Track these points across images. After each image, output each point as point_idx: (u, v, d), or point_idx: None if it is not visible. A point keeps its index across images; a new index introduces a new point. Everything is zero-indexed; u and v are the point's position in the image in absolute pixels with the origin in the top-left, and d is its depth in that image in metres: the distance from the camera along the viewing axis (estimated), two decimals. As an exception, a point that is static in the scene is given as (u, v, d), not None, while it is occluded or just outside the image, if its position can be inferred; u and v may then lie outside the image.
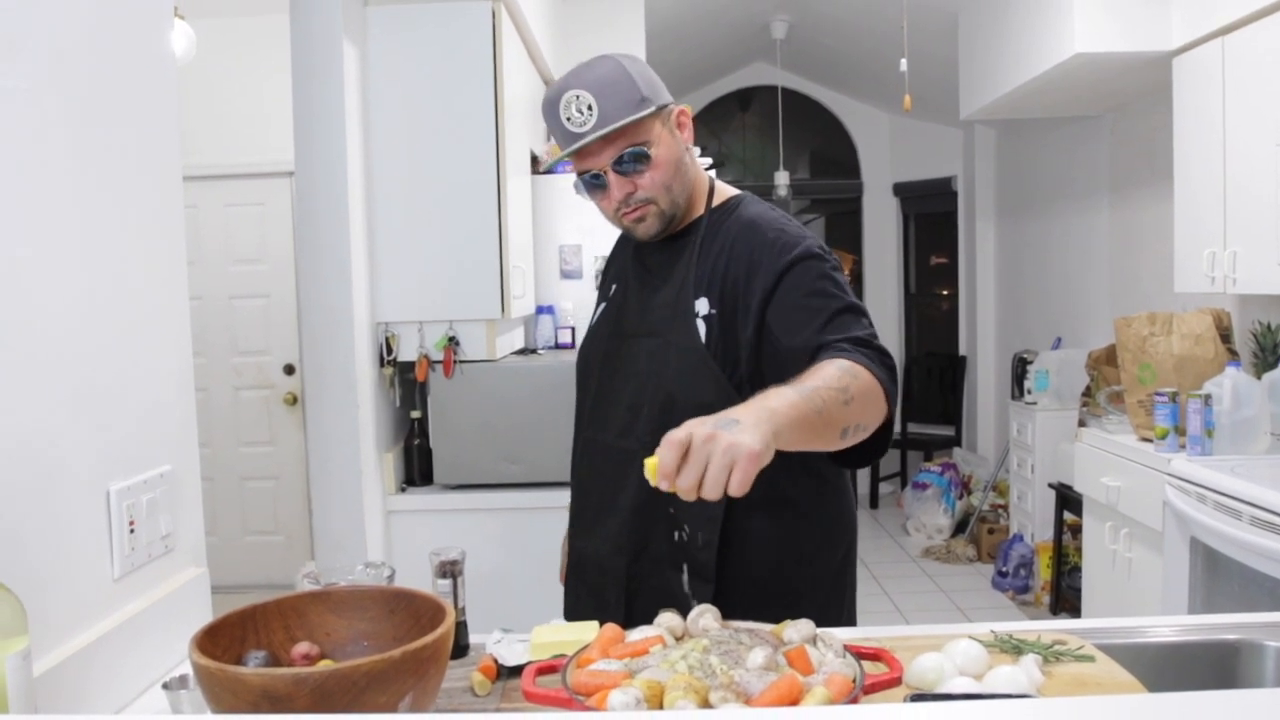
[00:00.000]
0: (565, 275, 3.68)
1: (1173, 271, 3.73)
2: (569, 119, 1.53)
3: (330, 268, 2.79)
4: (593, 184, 1.59)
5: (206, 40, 3.90)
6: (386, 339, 2.98)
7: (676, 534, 1.60)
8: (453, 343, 2.98)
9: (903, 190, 7.50)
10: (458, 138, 2.92)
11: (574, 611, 1.76)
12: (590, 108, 1.52)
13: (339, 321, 2.80)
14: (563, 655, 1.23)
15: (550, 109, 1.56)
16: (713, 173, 1.88)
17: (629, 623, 1.36)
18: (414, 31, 2.90)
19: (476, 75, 2.91)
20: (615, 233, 1.80)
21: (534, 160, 3.59)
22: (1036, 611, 4.81)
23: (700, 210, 1.66)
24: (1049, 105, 4.78)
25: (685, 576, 1.59)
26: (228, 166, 4.92)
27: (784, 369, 1.42)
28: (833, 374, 1.34)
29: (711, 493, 1.13)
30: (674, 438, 1.15)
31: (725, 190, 1.70)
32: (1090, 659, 1.30)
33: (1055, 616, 4.62)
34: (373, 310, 2.95)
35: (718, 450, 1.13)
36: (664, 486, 1.16)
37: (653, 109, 1.55)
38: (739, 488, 1.12)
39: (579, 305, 3.63)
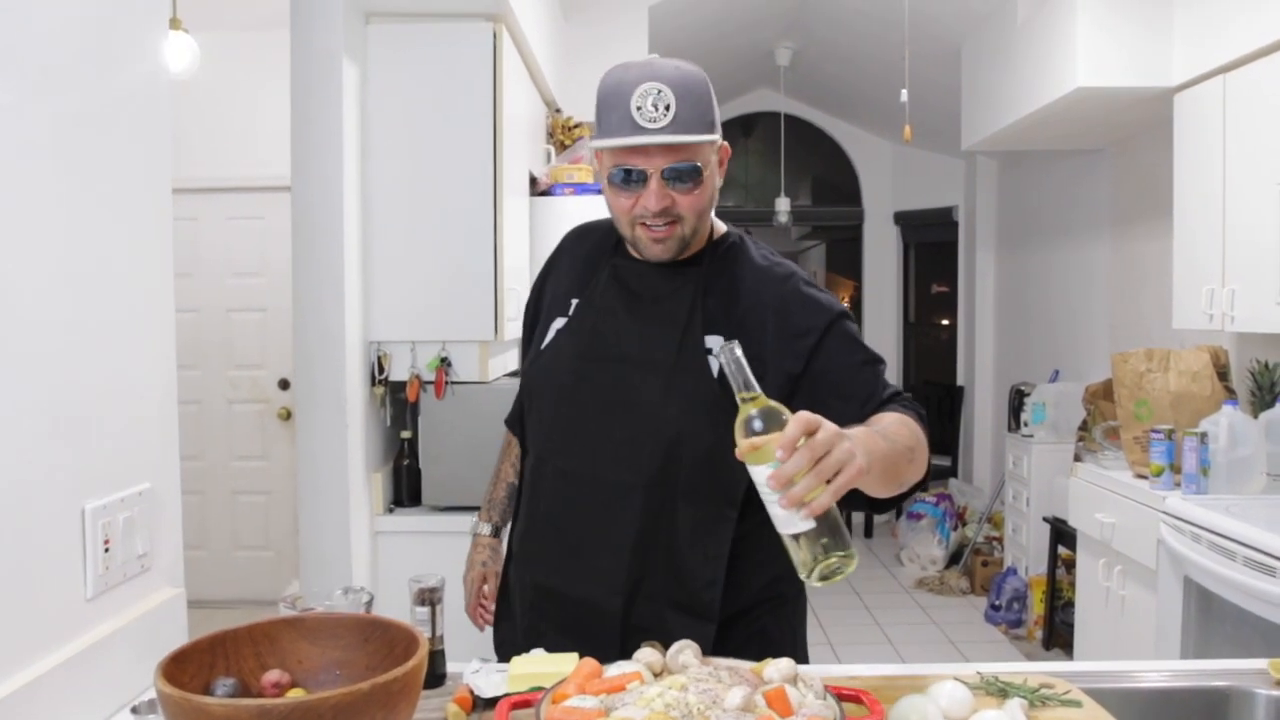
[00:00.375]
0: (561, 297, 3.67)
1: (1171, 307, 3.72)
2: (639, 108, 1.42)
3: (324, 285, 2.78)
4: (629, 181, 1.47)
5: (209, 53, 3.90)
6: (379, 358, 2.97)
7: (677, 571, 1.52)
8: (445, 363, 2.96)
9: (904, 219, 7.52)
10: (455, 157, 2.92)
11: (536, 646, 1.56)
12: (669, 107, 1.42)
13: (332, 339, 2.79)
14: (540, 688, 1.21)
15: (618, 93, 1.44)
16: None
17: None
18: (414, 50, 2.90)
19: (476, 95, 2.91)
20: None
21: (532, 181, 3.59)
22: (1029, 646, 4.77)
23: (703, 242, 1.59)
24: (1051, 138, 4.79)
25: (684, 617, 1.51)
26: (229, 179, 4.92)
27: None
28: (905, 432, 1.38)
29: (817, 481, 1.11)
30: (807, 416, 1.13)
31: (719, 225, 1.65)
32: (1077, 704, 1.28)
33: (1048, 651, 4.59)
34: (365, 329, 2.94)
35: (841, 449, 1.13)
36: (780, 456, 1.11)
37: (717, 135, 1.50)
38: (834, 494, 1.12)
39: (574, 328, 3.62)
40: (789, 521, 1.14)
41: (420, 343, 2.97)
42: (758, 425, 1.16)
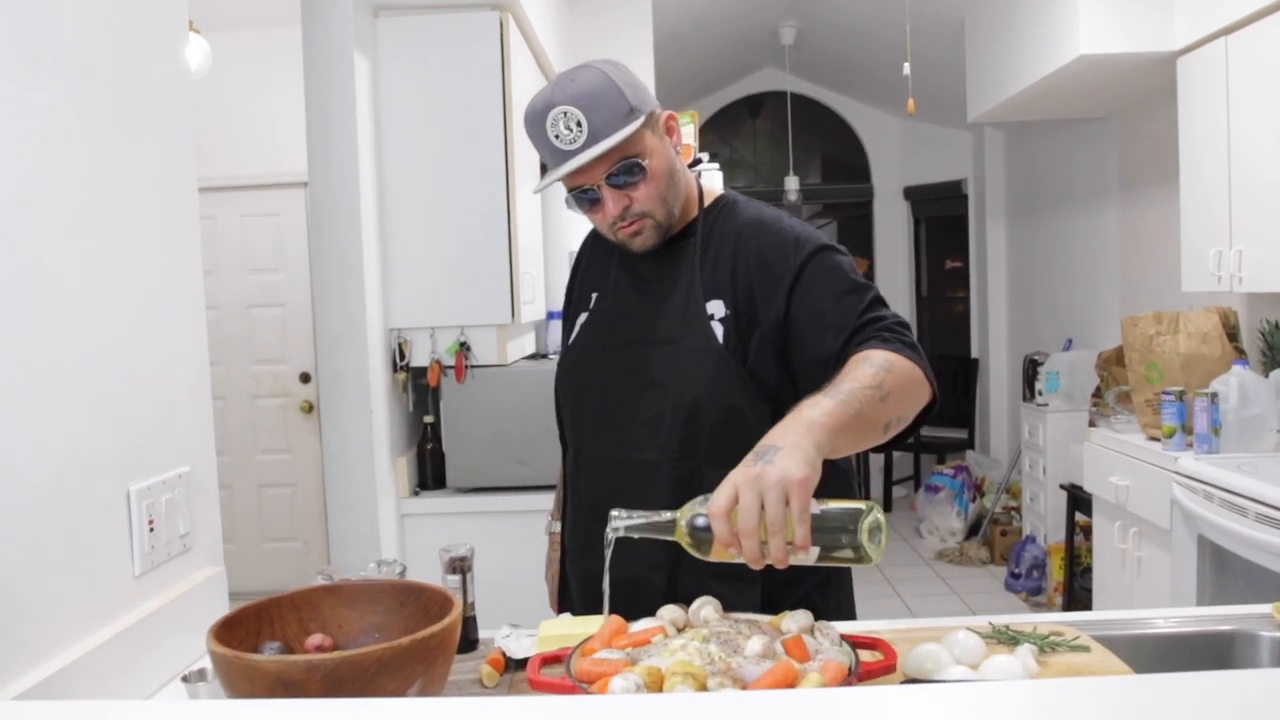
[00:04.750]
0: (575, 281, 3.72)
1: (1180, 271, 3.75)
2: (557, 136, 1.46)
3: (344, 276, 2.84)
4: (585, 199, 1.53)
5: (221, 53, 3.97)
6: (399, 345, 3.03)
7: None
8: (464, 348, 3.02)
9: (913, 194, 7.53)
10: (468, 146, 2.97)
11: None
12: (579, 124, 1.45)
13: (353, 328, 2.85)
14: (568, 647, 1.27)
15: (536, 125, 1.48)
16: (697, 170, 1.85)
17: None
18: (424, 42, 2.96)
19: (485, 84, 2.96)
20: None
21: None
22: (1050, 612, 4.82)
23: (694, 212, 1.62)
24: (1056, 107, 4.80)
25: (725, 582, 1.52)
26: (244, 177, 4.99)
27: (815, 372, 1.44)
28: (866, 373, 1.32)
29: (777, 539, 1.10)
30: (717, 504, 1.12)
31: (712, 189, 1.67)
32: (1085, 649, 1.32)
33: (1068, 617, 4.62)
34: (385, 317, 3.00)
35: (769, 487, 1.11)
36: (731, 554, 1.13)
37: (642, 119, 1.49)
38: (799, 518, 1.11)
39: (589, 310, 3.67)
40: (800, 560, 1.14)
41: (439, 328, 3.03)
42: (700, 536, 1.17)
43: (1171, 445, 3.22)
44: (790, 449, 1.15)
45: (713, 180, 3.76)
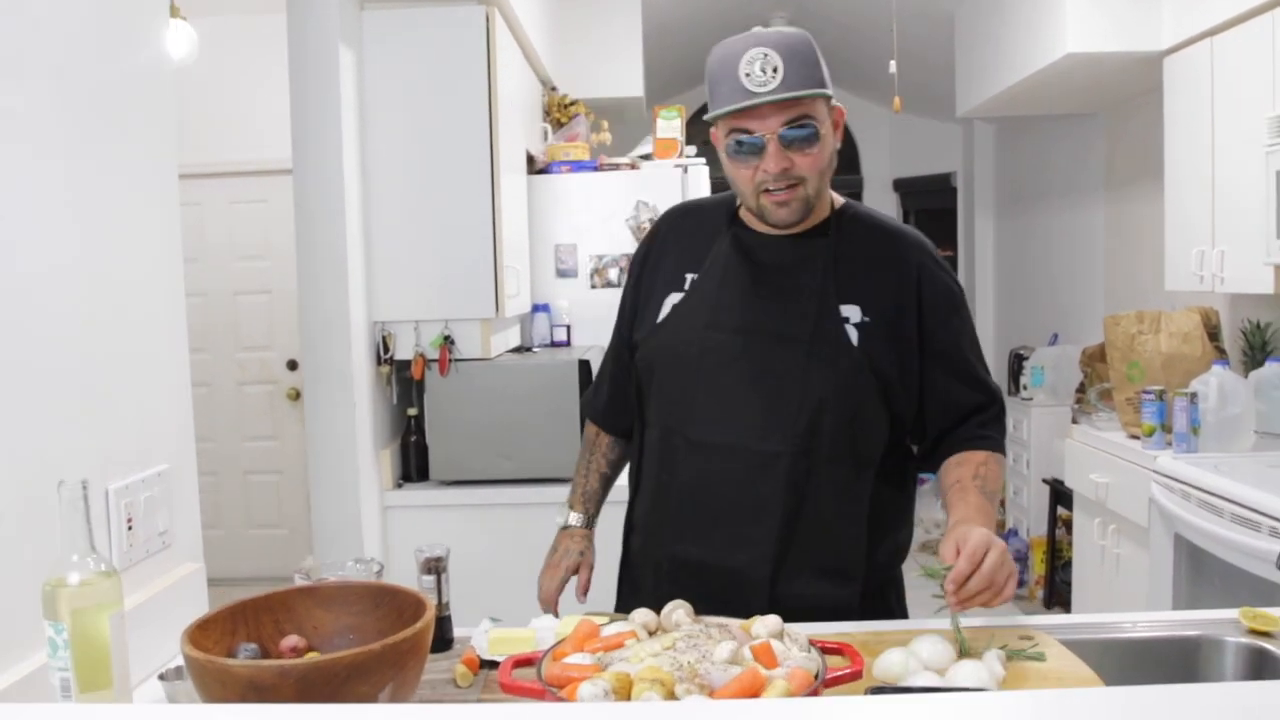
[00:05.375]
0: (561, 274, 3.73)
1: (1163, 270, 3.77)
2: (748, 75, 1.45)
3: (328, 267, 2.85)
4: (745, 148, 1.50)
5: (208, 38, 3.94)
6: (383, 337, 3.03)
7: (820, 538, 1.57)
8: (448, 341, 3.03)
9: (902, 186, 7.54)
10: (452, 138, 2.97)
11: None
12: (776, 70, 1.45)
13: (337, 321, 2.85)
14: (527, 652, 1.29)
15: (727, 64, 1.48)
16: (685, 164, 1.88)
17: None
18: (409, 34, 2.95)
19: (470, 77, 2.96)
20: (610, 233, 1.82)
21: (529, 160, 3.64)
22: (1030, 606, 4.85)
23: (826, 212, 1.62)
24: (1044, 103, 4.82)
25: (831, 579, 1.58)
26: (231, 163, 4.97)
27: (944, 417, 1.64)
28: (997, 476, 1.60)
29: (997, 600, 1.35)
30: (971, 550, 1.35)
31: (835, 195, 1.67)
32: (1041, 657, 1.34)
33: (1049, 610, 4.67)
34: (369, 309, 3.00)
35: (1008, 572, 1.36)
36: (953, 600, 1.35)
37: (830, 92, 1.52)
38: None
39: (574, 304, 3.68)
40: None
41: (423, 322, 3.04)
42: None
43: (1151, 444, 3.24)
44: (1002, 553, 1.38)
45: (699, 177, 3.76)
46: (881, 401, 1.57)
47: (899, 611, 1.72)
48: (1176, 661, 1.52)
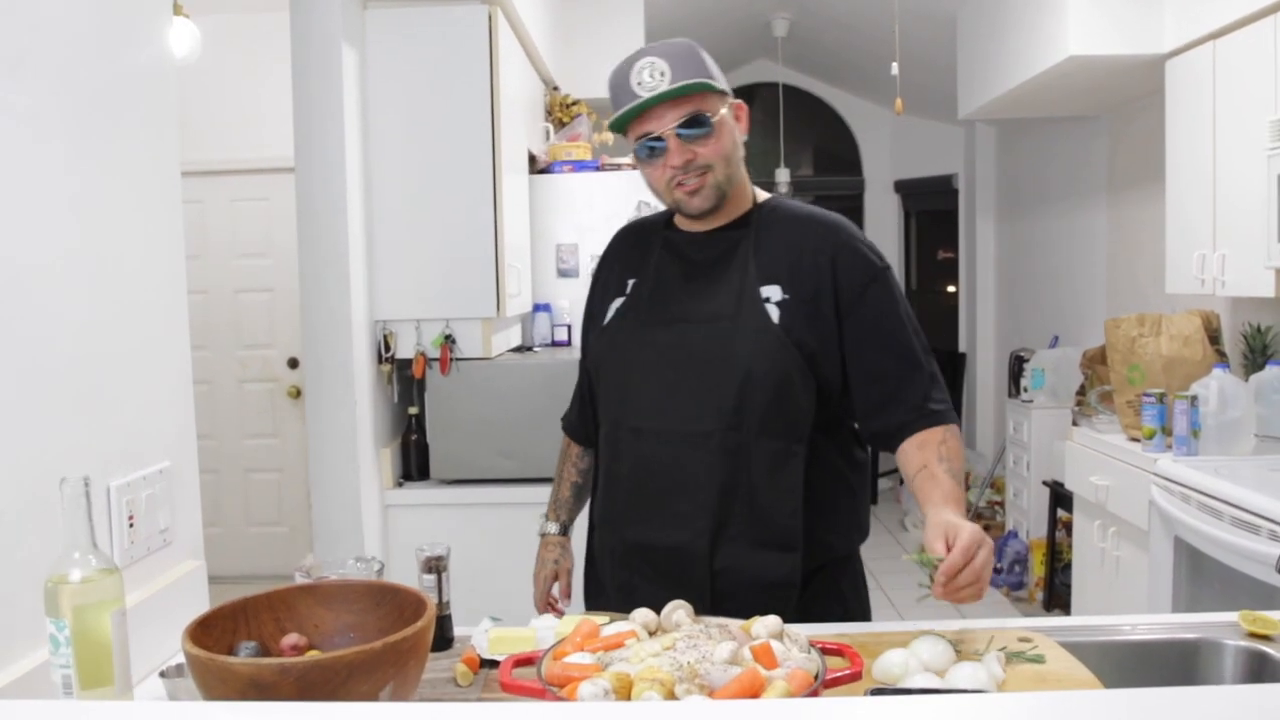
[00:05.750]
0: (562, 273, 3.74)
1: (1164, 273, 3.77)
2: (639, 83, 1.57)
3: (330, 266, 2.85)
4: (651, 149, 1.61)
5: (211, 36, 3.95)
6: (384, 336, 3.04)
7: (755, 511, 1.62)
8: (449, 340, 3.03)
9: (904, 187, 7.54)
10: (455, 138, 2.97)
11: (633, 604, 1.43)
12: (663, 73, 1.57)
13: (338, 319, 2.86)
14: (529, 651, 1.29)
15: (621, 78, 1.60)
16: None
17: (715, 606, 1.49)
18: (411, 34, 2.95)
19: (473, 76, 2.96)
20: (612, 233, 1.86)
21: (531, 159, 3.64)
22: (1030, 608, 4.86)
23: (747, 206, 1.71)
24: (1046, 106, 4.82)
25: (768, 553, 1.62)
26: (233, 162, 4.98)
27: (871, 388, 1.66)
28: (958, 452, 1.62)
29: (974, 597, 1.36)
30: (965, 544, 1.35)
31: (760, 191, 1.77)
32: (1040, 659, 1.34)
33: (1048, 612, 4.67)
34: (371, 308, 3.01)
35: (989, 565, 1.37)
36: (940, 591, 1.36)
37: (719, 87, 1.61)
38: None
39: (575, 303, 3.67)
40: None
41: (425, 321, 3.04)
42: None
43: (1151, 447, 3.24)
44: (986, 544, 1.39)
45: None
46: (806, 372, 1.61)
47: (854, 602, 1.75)
48: (1176, 664, 1.52)
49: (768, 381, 1.59)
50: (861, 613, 1.76)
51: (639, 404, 1.68)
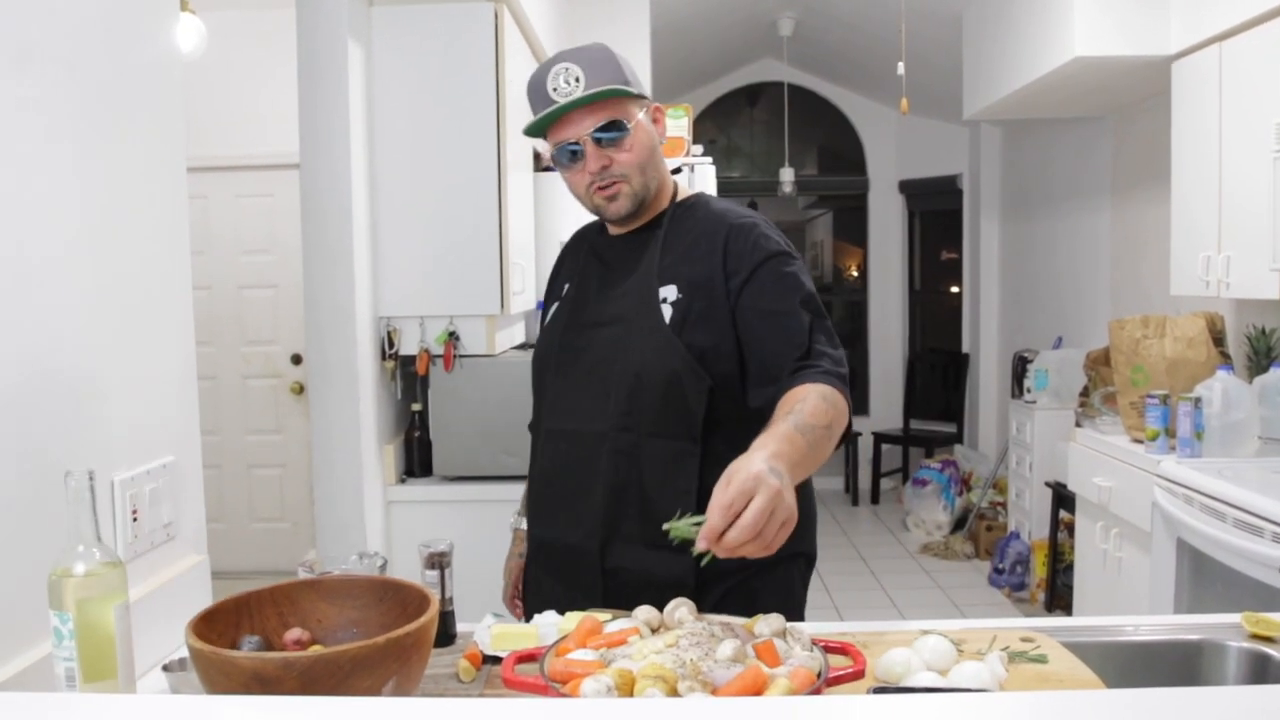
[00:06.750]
0: (566, 271, 3.73)
1: (1168, 274, 3.77)
2: (555, 89, 1.59)
3: (334, 262, 2.85)
4: (569, 155, 1.63)
5: (217, 32, 3.95)
6: (388, 333, 3.04)
7: (648, 511, 1.59)
8: (453, 337, 3.03)
9: (908, 187, 7.54)
10: (460, 135, 2.97)
11: (539, 600, 1.71)
12: (578, 79, 1.58)
13: (342, 315, 2.86)
14: (537, 647, 1.29)
15: (537, 84, 1.62)
16: (679, 175, 1.95)
17: (608, 605, 1.45)
18: (417, 31, 2.95)
19: (479, 74, 2.96)
20: None
21: (536, 157, 3.64)
22: (1031, 609, 4.86)
23: (665, 205, 1.73)
24: (1051, 107, 4.81)
25: (660, 553, 1.55)
26: (238, 158, 4.98)
27: (764, 375, 1.58)
28: (821, 409, 1.45)
29: (763, 552, 1.23)
30: (725, 502, 1.22)
31: (686, 190, 1.78)
32: (1043, 659, 1.34)
33: (1050, 614, 4.67)
34: (375, 305, 3.01)
35: (782, 506, 1.23)
36: (703, 545, 1.23)
37: (634, 91, 1.62)
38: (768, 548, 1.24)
39: (580, 301, 3.68)
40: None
41: (429, 317, 3.04)
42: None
43: (1154, 448, 3.24)
44: (786, 486, 1.27)
45: (705, 176, 3.78)
46: (698, 371, 1.60)
47: (771, 605, 1.60)
48: (1178, 665, 1.52)
49: (655, 382, 1.60)
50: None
51: (554, 406, 1.74)
